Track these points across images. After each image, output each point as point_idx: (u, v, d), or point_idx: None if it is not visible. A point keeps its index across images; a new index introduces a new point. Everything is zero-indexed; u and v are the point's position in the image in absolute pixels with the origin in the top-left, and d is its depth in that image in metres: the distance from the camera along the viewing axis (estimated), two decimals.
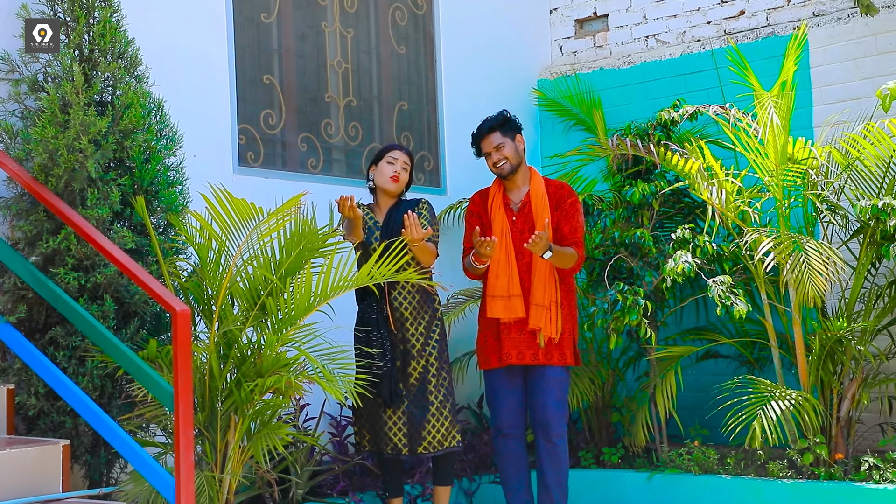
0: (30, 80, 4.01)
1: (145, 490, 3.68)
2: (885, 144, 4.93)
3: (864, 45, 5.70)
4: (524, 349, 4.70)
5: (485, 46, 6.58)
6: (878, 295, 5.17)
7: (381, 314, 4.56)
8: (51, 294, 3.66)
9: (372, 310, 4.57)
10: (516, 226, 4.77)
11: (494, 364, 4.76)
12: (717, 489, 5.05)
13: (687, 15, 6.48)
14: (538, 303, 4.64)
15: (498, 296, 4.69)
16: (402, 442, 4.54)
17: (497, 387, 4.80)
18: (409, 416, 4.54)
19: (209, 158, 4.84)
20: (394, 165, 4.71)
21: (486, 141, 4.79)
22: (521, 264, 4.72)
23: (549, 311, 4.64)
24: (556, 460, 4.73)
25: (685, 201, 5.75)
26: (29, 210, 3.94)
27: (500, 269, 4.70)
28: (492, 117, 4.83)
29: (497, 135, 4.76)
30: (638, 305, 5.05)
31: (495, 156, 4.76)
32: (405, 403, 4.54)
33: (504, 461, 4.85)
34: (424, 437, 4.52)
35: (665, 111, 5.67)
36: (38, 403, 3.86)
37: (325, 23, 5.74)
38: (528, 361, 4.70)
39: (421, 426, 4.53)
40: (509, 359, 4.71)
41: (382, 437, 4.56)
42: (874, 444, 5.28)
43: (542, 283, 4.65)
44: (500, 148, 4.75)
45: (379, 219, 4.72)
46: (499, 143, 4.75)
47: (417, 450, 4.53)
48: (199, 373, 3.83)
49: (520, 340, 4.70)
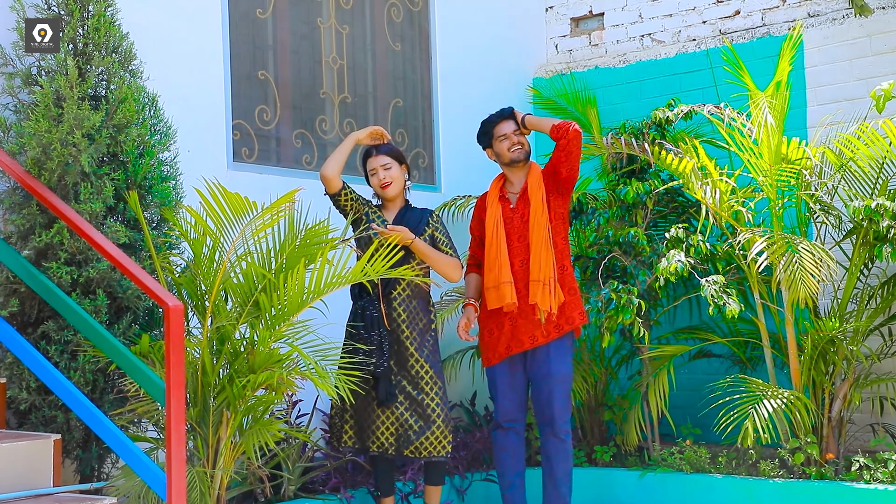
0: (23, 74, 4.00)
1: (136, 485, 3.68)
2: (879, 145, 4.94)
3: (858, 45, 5.71)
4: (534, 331, 4.72)
5: (480, 44, 6.58)
6: (871, 295, 5.18)
7: (380, 313, 4.55)
8: (43, 288, 3.65)
9: (373, 307, 4.55)
10: (517, 212, 4.82)
11: (496, 360, 4.80)
12: (709, 488, 5.06)
13: (682, 14, 6.49)
14: (535, 279, 4.68)
15: (491, 286, 4.74)
16: (388, 441, 4.53)
17: (499, 381, 4.82)
18: (399, 418, 4.52)
19: (203, 154, 4.83)
20: (377, 175, 4.67)
21: (502, 125, 4.86)
22: (522, 247, 4.76)
23: (546, 286, 4.66)
24: (563, 455, 4.78)
25: (679, 200, 5.76)
26: (22, 204, 3.93)
27: (491, 262, 4.77)
28: (505, 109, 4.91)
29: (512, 122, 4.86)
30: (632, 304, 5.05)
31: (514, 138, 4.83)
32: (397, 403, 4.54)
33: (502, 452, 4.86)
34: (412, 441, 4.50)
35: (660, 110, 5.68)
36: (30, 398, 3.85)
37: (320, 19, 5.74)
38: (542, 341, 4.71)
39: (412, 430, 4.51)
40: (521, 346, 4.72)
41: (369, 435, 4.55)
42: (865, 444, 5.30)
43: (538, 260, 4.68)
44: (517, 132, 4.85)
45: (388, 218, 4.70)
46: (516, 127, 4.86)
47: (404, 452, 4.52)
48: (192, 368, 3.83)
49: (526, 325, 4.72)
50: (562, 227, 4.83)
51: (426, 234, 4.66)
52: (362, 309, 4.54)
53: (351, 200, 4.67)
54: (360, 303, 4.56)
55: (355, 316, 4.57)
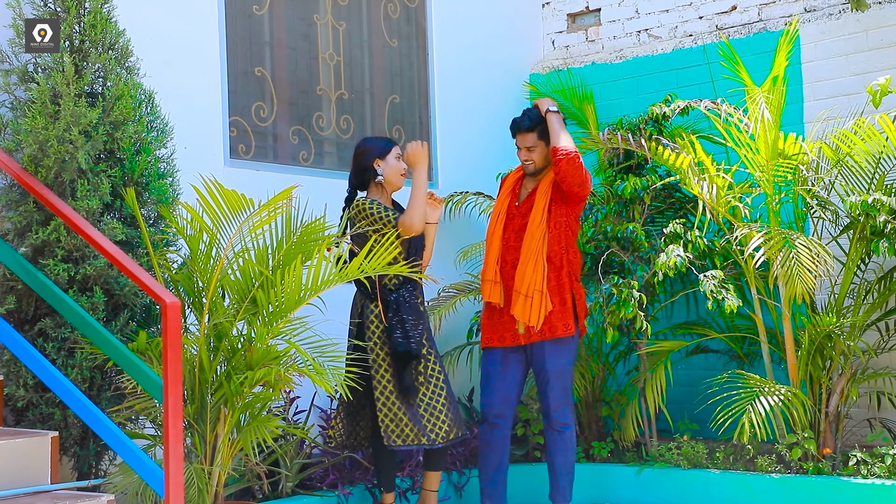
0: (20, 71, 3.99)
1: (134, 482, 3.68)
2: (876, 140, 4.94)
3: (855, 40, 5.71)
4: (515, 330, 4.77)
5: (477, 40, 6.58)
6: (868, 290, 5.19)
7: (417, 301, 4.57)
8: (40, 285, 3.65)
9: (411, 296, 4.55)
10: (519, 210, 4.88)
11: (492, 343, 4.85)
12: (706, 483, 5.07)
13: (679, 10, 6.49)
14: (517, 289, 4.72)
15: (484, 279, 4.84)
16: (413, 432, 4.49)
17: (491, 373, 4.85)
18: (428, 406, 4.54)
19: (200, 150, 4.83)
20: (401, 162, 4.70)
21: (522, 137, 4.90)
22: (518, 246, 4.79)
23: (528, 300, 4.67)
24: (560, 447, 4.83)
25: (676, 196, 5.76)
26: (18, 201, 3.93)
27: (485, 256, 4.88)
28: (534, 115, 4.90)
29: (534, 135, 4.87)
30: (633, 298, 5.06)
31: (525, 154, 4.90)
32: (419, 394, 4.54)
33: (486, 447, 4.88)
34: (441, 428, 4.53)
35: (657, 106, 5.67)
36: (27, 395, 3.85)
37: (317, 15, 5.73)
38: (523, 341, 4.77)
39: (438, 417, 4.53)
40: (503, 341, 4.79)
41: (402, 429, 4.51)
42: (862, 438, 5.30)
43: (523, 271, 4.71)
44: (531, 149, 4.88)
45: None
46: (532, 144, 4.87)
47: (437, 440, 4.52)
48: (189, 365, 3.83)
49: (511, 322, 4.78)
50: (562, 236, 4.80)
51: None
52: (396, 302, 4.49)
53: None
54: (400, 291, 4.53)
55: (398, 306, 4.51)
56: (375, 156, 4.67)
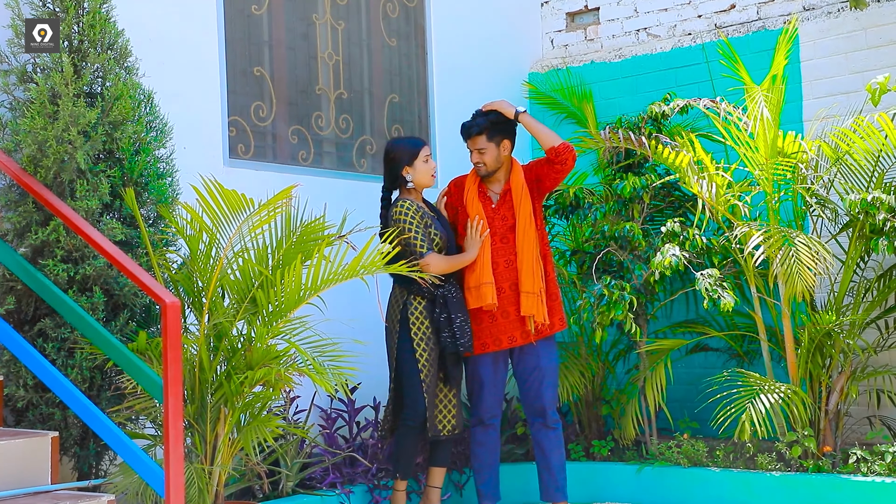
0: (19, 71, 3.99)
1: (134, 482, 3.68)
2: (875, 138, 4.94)
3: (854, 39, 5.71)
4: (514, 332, 4.81)
5: (476, 39, 6.58)
6: (867, 288, 5.19)
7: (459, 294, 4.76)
8: (40, 285, 3.65)
9: (457, 291, 4.75)
10: (498, 212, 4.89)
11: (488, 348, 4.84)
12: (707, 482, 5.07)
13: (678, 8, 6.49)
14: (528, 290, 4.76)
15: (472, 286, 4.81)
16: (450, 423, 4.80)
17: (484, 377, 4.87)
18: (454, 397, 4.84)
19: (199, 150, 4.82)
20: (429, 163, 4.85)
21: (471, 141, 4.94)
22: (505, 248, 4.82)
23: (538, 297, 4.76)
24: (557, 443, 4.88)
25: (675, 195, 5.76)
26: (18, 201, 3.93)
27: (478, 258, 4.82)
28: (481, 119, 4.90)
29: (482, 138, 4.89)
30: (623, 300, 5.06)
31: (476, 157, 4.93)
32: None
33: (481, 448, 4.92)
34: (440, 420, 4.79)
35: (656, 104, 5.67)
36: (27, 395, 3.85)
37: (315, 15, 5.73)
38: (521, 342, 4.81)
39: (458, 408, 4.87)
40: (500, 344, 4.81)
41: (440, 419, 4.79)
42: (862, 436, 5.30)
43: (529, 271, 4.77)
44: (482, 152, 4.90)
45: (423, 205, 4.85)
46: (482, 147, 4.89)
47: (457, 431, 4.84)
48: (189, 365, 3.83)
49: (506, 325, 4.80)
50: (544, 234, 4.96)
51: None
52: (443, 298, 4.68)
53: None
54: (446, 286, 4.70)
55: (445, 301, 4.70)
56: (404, 164, 4.79)
